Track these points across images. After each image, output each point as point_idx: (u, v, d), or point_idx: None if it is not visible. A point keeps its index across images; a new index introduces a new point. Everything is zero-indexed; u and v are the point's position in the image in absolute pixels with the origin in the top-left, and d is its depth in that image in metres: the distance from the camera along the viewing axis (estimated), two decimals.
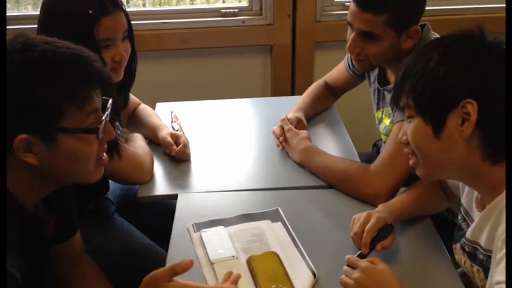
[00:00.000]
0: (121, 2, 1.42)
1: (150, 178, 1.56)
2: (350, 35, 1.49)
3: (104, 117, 1.04)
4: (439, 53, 1.00)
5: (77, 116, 0.98)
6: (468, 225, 1.12)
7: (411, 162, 1.09)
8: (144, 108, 1.85)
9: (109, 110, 1.06)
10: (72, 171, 1.05)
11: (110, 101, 1.06)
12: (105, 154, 1.10)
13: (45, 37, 1.00)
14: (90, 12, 1.33)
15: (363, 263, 1.08)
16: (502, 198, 0.98)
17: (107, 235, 1.57)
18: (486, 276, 1.05)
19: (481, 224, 1.05)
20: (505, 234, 0.94)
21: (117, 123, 1.62)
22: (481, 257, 1.06)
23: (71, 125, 0.98)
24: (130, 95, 1.81)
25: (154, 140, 1.70)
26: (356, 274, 1.06)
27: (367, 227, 1.18)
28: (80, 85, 0.98)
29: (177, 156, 1.62)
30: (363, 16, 1.42)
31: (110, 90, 1.06)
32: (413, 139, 1.05)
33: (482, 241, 1.05)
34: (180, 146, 1.62)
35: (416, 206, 1.33)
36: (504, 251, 0.92)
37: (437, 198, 1.35)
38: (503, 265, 0.92)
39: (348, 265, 1.10)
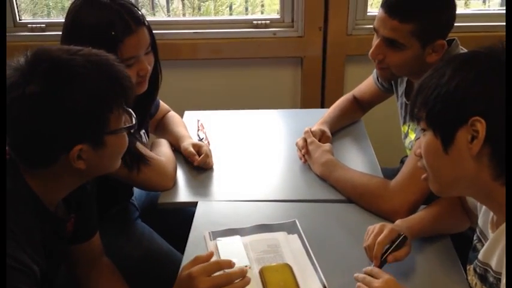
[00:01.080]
0: (143, 16, 1.42)
1: (173, 185, 1.57)
2: (375, 41, 1.48)
3: (132, 112, 1.10)
4: (453, 68, 0.98)
5: (118, 117, 1.06)
6: (483, 246, 1.09)
7: (423, 176, 1.08)
8: (172, 116, 1.88)
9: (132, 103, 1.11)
10: (108, 166, 1.12)
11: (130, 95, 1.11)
12: None
13: (64, 48, 1.04)
14: (113, 33, 1.33)
15: (387, 275, 1.07)
16: None
17: (129, 239, 1.59)
18: None
19: (493, 246, 1.02)
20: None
21: (143, 131, 1.65)
22: (491, 279, 1.03)
23: (116, 126, 1.05)
24: (161, 102, 1.84)
25: (178, 149, 1.73)
26: (377, 284, 1.05)
27: (379, 239, 1.17)
28: (117, 87, 1.04)
29: (199, 166, 1.64)
30: (389, 22, 1.41)
31: (131, 86, 1.11)
32: (424, 153, 1.04)
33: (493, 263, 1.02)
34: (202, 156, 1.63)
35: (436, 223, 1.30)
36: None
37: (458, 217, 1.32)
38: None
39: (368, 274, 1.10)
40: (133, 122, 1.10)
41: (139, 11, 1.42)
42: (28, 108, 0.97)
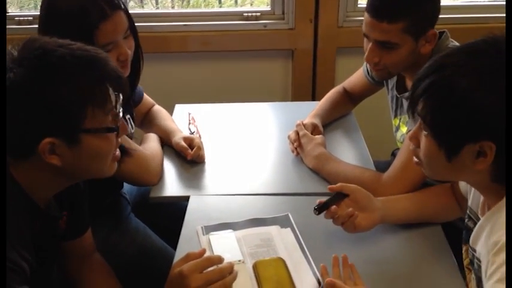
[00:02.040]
0: (120, 1, 1.39)
1: (157, 181, 1.55)
2: (367, 45, 1.48)
3: (120, 114, 1.07)
4: (467, 83, 0.91)
5: (98, 116, 1.01)
6: (474, 225, 1.09)
7: (415, 160, 1.07)
8: (159, 110, 1.86)
9: (121, 107, 1.08)
10: (92, 169, 1.08)
11: (121, 97, 1.08)
12: (118, 150, 1.13)
13: (59, 40, 1.02)
14: (87, 20, 1.31)
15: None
16: (502, 205, 0.96)
17: (123, 235, 1.59)
18: (478, 287, 1.02)
19: (479, 231, 1.03)
20: (497, 248, 0.92)
21: (129, 116, 1.63)
22: (475, 265, 1.04)
23: (93, 125, 1.01)
24: (145, 95, 1.82)
25: (168, 144, 1.71)
26: None
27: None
28: (100, 86, 1.01)
29: (192, 159, 1.63)
30: (378, 26, 1.40)
31: (124, 88, 1.08)
32: (424, 154, 1.03)
33: (477, 248, 1.03)
34: (195, 149, 1.62)
35: (418, 212, 1.31)
36: (495, 265, 0.90)
37: (445, 206, 1.33)
38: (494, 279, 0.90)
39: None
40: (117, 125, 1.06)
41: None
42: (9, 93, 0.96)
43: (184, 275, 1.03)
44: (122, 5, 1.39)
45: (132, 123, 1.66)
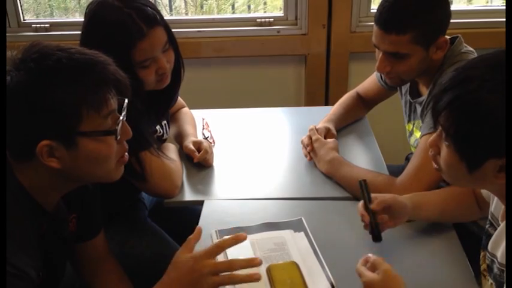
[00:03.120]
0: (156, 15, 1.38)
1: (177, 193, 1.55)
2: (378, 55, 1.48)
3: (120, 118, 1.06)
4: (493, 99, 0.90)
5: (95, 119, 1.01)
6: (495, 230, 1.08)
7: (435, 167, 1.07)
8: (185, 112, 1.88)
9: (125, 111, 1.08)
10: (93, 172, 1.08)
11: (126, 101, 1.08)
12: (126, 154, 1.13)
13: (60, 45, 1.03)
14: (126, 38, 1.32)
15: (384, 265, 1.07)
16: None
17: (140, 239, 1.60)
18: None
19: (499, 237, 1.02)
20: None
21: (165, 122, 1.65)
22: (495, 270, 1.03)
23: (90, 128, 1.01)
24: (178, 97, 1.84)
25: (180, 145, 1.73)
26: (373, 275, 1.05)
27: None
28: (96, 89, 1.01)
29: (199, 163, 1.64)
30: (387, 38, 1.41)
31: (125, 91, 1.08)
32: (444, 164, 1.02)
33: (499, 254, 1.02)
34: (202, 152, 1.63)
35: (443, 210, 1.31)
36: None
37: (467, 206, 1.32)
38: None
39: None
40: (116, 128, 1.05)
41: (153, 9, 1.39)
42: (9, 94, 0.97)
43: (196, 259, 1.03)
44: (160, 21, 1.39)
45: (168, 129, 1.68)
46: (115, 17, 1.34)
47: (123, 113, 1.07)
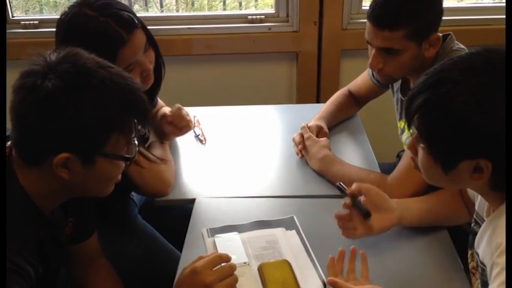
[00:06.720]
0: (133, 18, 1.34)
1: (170, 191, 1.54)
2: (371, 51, 1.48)
3: (137, 147, 1.08)
4: (463, 102, 0.90)
5: (120, 143, 1.03)
6: (479, 228, 1.09)
7: (415, 168, 1.07)
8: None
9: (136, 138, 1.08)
10: (94, 189, 1.09)
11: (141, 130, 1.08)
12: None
13: (96, 59, 1.02)
14: (106, 47, 1.26)
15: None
16: (503, 208, 0.96)
17: (130, 237, 1.59)
18: None
19: (481, 235, 1.02)
20: (499, 250, 0.91)
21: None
22: (479, 269, 1.04)
23: (112, 151, 1.02)
24: (158, 99, 1.83)
25: (158, 133, 1.66)
26: None
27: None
28: (129, 117, 1.02)
29: (174, 122, 1.61)
30: (380, 34, 1.41)
31: (146, 122, 1.08)
32: (421, 164, 1.03)
33: (480, 252, 1.03)
34: (175, 109, 1.61)
35: (433, 214, 1.31)
36: (499, 268, 0.90)
37: (456, 209, 1.32)
38: (498, 282, 0.90)
39: None
40: (133, 155, 1.07)
41: (129, 12, 1.35)
42: (37, 100, 0.96)
43: (198, 271, 1.06)
44: (138, 23, 1.36)
45: (149, 130, 1.66)
46: (92, 28, 1.28)
47: (137, 141, 1.08)
